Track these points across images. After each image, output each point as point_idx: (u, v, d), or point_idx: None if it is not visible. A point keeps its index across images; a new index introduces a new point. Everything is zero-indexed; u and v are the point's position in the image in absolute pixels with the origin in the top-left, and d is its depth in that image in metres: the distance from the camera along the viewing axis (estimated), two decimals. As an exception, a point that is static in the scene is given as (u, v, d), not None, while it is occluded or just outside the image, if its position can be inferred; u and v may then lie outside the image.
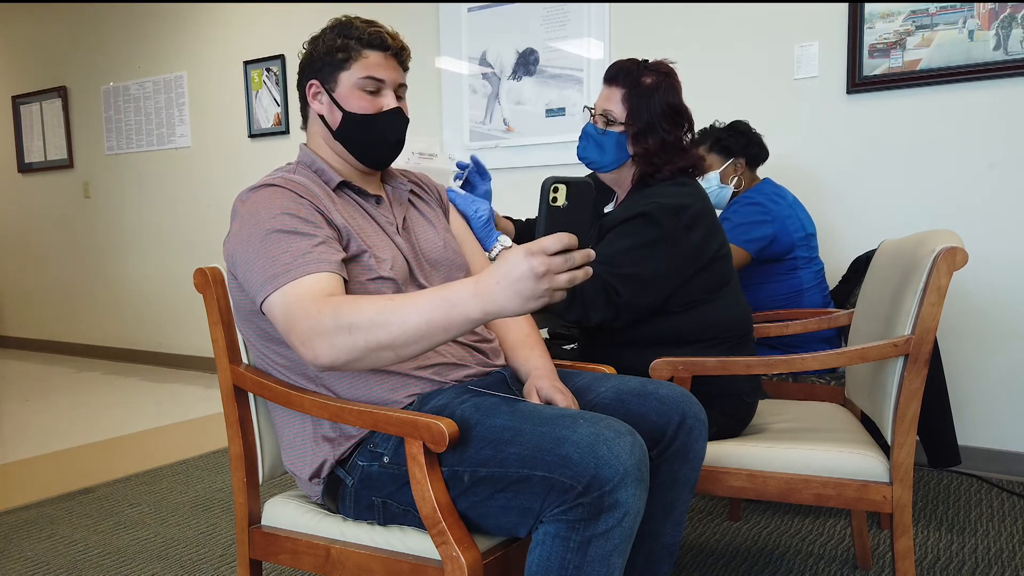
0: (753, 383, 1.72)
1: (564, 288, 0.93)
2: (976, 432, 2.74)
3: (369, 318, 1.02)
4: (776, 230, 2.39)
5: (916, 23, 2.71)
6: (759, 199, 2.45)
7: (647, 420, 1.26)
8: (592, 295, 1.55)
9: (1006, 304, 2.67)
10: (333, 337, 1.04)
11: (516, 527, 1.10)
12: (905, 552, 1.41)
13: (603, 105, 1.71)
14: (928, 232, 1.52)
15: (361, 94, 1.31)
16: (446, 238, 1.45)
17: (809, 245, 2.47)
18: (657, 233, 1.59)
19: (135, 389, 4.50)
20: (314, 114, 1.36)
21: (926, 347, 1.38)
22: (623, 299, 1.57)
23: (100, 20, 5.26)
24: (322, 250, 1.16)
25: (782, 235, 2.40)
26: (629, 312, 1.60)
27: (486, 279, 0.96)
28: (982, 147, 2.67)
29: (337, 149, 1.35)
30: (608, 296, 1.56)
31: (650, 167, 1.69)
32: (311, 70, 1.34)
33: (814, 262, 2.48)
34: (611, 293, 1.56)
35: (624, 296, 1.57)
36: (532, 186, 3.58)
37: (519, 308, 0.94)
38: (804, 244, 2.45)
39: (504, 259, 0.95)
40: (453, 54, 3.81)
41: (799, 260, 2.44)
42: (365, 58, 1.30)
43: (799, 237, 2.43)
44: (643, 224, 1.60)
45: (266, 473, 1.41)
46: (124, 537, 2.28)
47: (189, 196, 4.99)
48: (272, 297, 1.13)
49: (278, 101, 4.50)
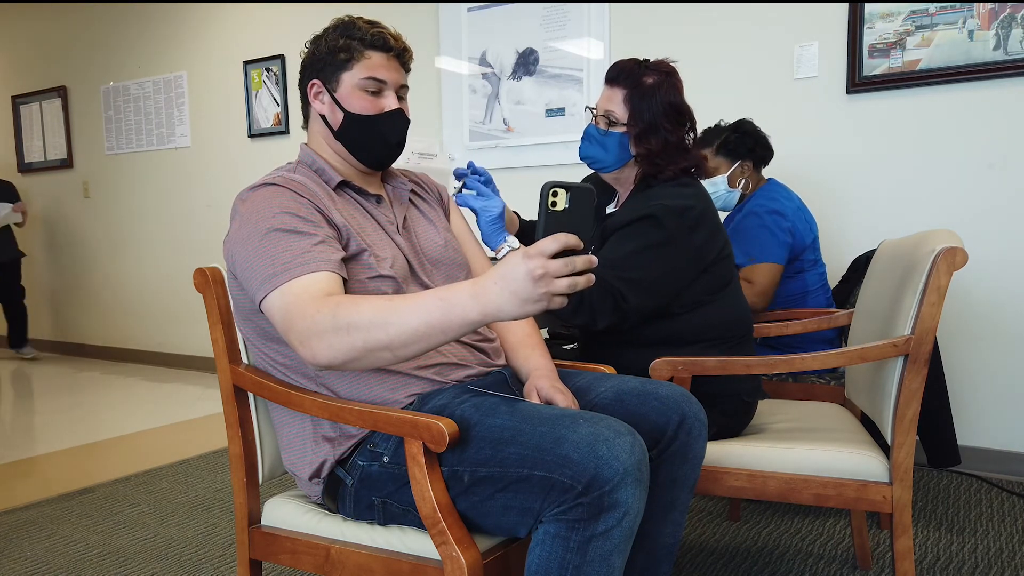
0: (753, 383, 1.72)
1: (564, 293, 0.92)
2: (976, 432, 2.74)
3: (367, 318, 1.02)
4: (792, 233, 2.38)
5: (916, 23, 2.71)
6: (775, 207, 2.39)
7: (647, 420, 1.26)
8: (599, 300, 1.55)
9: (1006, 304, 2.67)
10: (331, 337, 1.04)
11: (516, 527, 1.10)
12: (905, 552, 1.41)
13: (605, 106, 1.71)
14: (928, 232, 1.52)
15: (362, 94, 1.31)
16: (447, 237, 1.45)
17: (814, 248, 2.46)
18: (662, 236, 1.59)
19: (135, 389, 4.50)
20: (315, 114, 1.36)
21: (926, 347, 1.38)
22: (630, 304, 1.56)
23: (100, 20, 5.26)
24: (321, 249, 1.16)
25: (795, 238, 2.39)
26: (636, 316, 1.59)
27: (484, 281, 0.96)
28: (982, 147, 2.67)
29: (338, 149, 1.35)
30: (615, 301, 1.55)
31: (653, 167, 1.68)
32: (313, 70, 1.34)
33: (818, 264, 2.48)
34: (618, 298, 1.55)
35: (631, 301, 1.56)
36: (532, 186, 3.58)
37: (517, 311, 0.94)
38: (811, 247, 2.44)
39: (504, 261, 0.95)
40: (453, 54, 3.81)
41: (805, 263, 2.43)
42: (367, 59, 1.30)
43: (808, 240, 2.42)
44: (648, 227, 1.60)
45: (266, 473, 1.41)
46: (124, 537, 2.28)
47: (189, 196, 4.99)
48: (271, 296, 1.13)
49: (278, 101, 4.50)
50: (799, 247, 2.40)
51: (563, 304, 0.94)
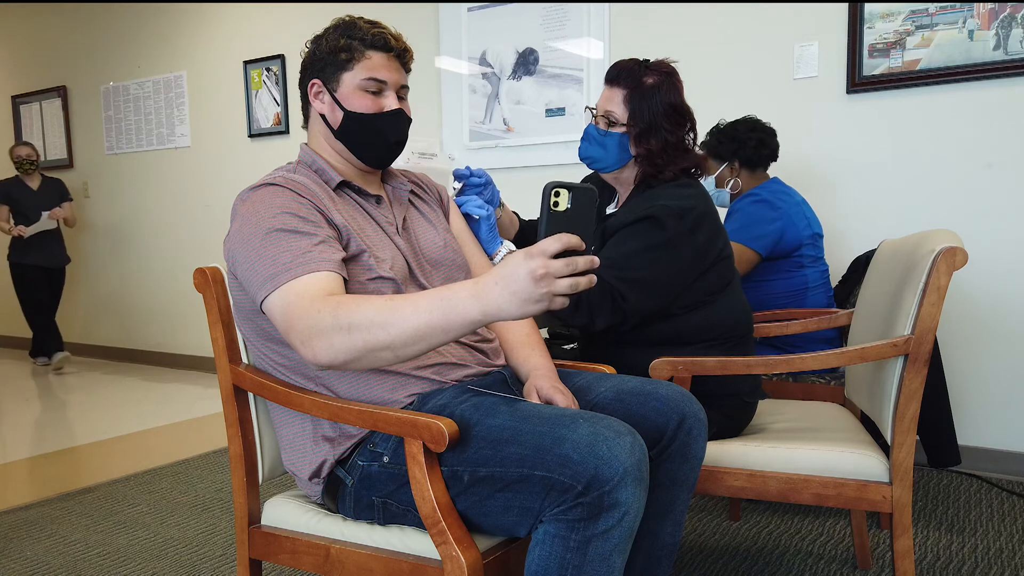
0: (753, 383, 1.72)
1: (565, 294, 0.92)
2: (976, 432, 2.74)
3: (368, 318, 1.02)
4: (784, 226, 2.39)
5: (916, 23, 2.71)
6: (765, 196, 2.44)
7: (647, 420, 1.26)
8: (598, 300, 1.55)
9: (1006, 304, 2.67)
10: (332, 337, 1.04)
11: (516, 527, 1.11)
12: (905, 552, 1.41)
13: (605, 106, 1.71)
14: (928, 232, 1.52)
15: (363, 94, 1.31)
16: (446, 238, 1.45)
17: (816, 245, 2.47)
18: (663, 236, 1.59)
19: (135, 389, 4.50)
20: (315, 113, 1.36)
21: (926, 347, 1.38)
22: (629, 304, 1.56)
23: (100, 20, 5.26)
24: (322, 249, 1.16)
25: (789, 231, 2.40)
26: (635, 316, 1.59)
27: (485, 281, 0.96)
28: (982, 147, 2.67)
29: (338, 148, 1.36)
30: (614, 301, 1.55)
31: (653, 167, 1.68)
32: (314, 69, 1.34)
33: (820, 262, 2.48)
34: (616, 298, 1.55)
35: (630, 301, 1.56)
36: (532, 186, 3.58)
37: (517, 311, 0.94)
38: (811, 243, 2.45)
39: (505, 261, 0.95)
40: (453, 54, 3.81)
41: (805, 259, 2.44)
42: (368, 59, 1.30)
43: (806, 235, 2.43)
44: (648, 227, 1.59)
45: (266, 473, 1.41)
46: (124, 537, 2.28)
47: (189, 196, 4.99)
48: (272, 296, 1.13)
49: (278, 101, 4.50)
50: (792, 241, 2.41)
51: (564, 304, 0.94)
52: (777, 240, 2.39)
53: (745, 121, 2.56)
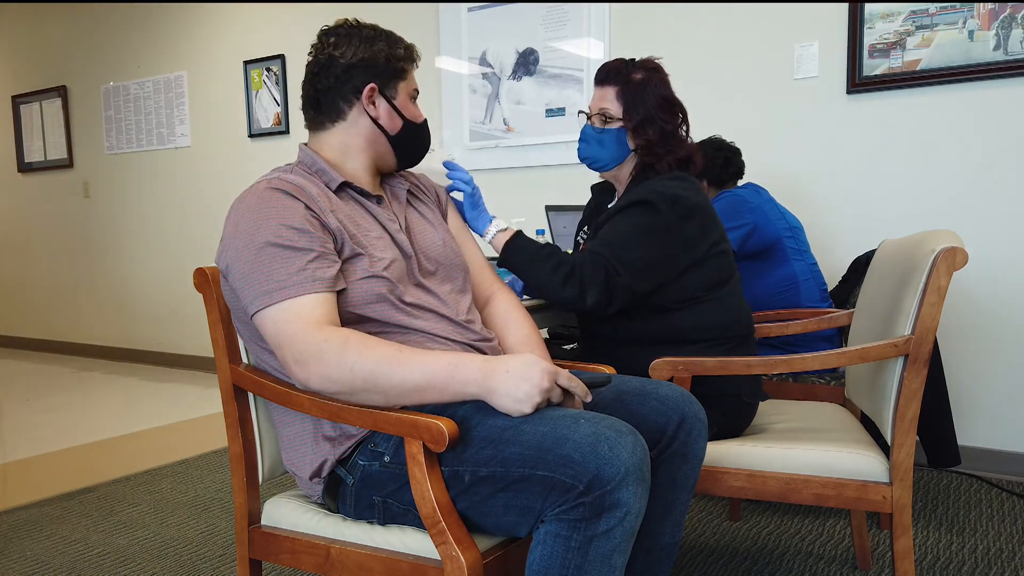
0: (754, 384, 1.72)
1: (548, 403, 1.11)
2: (976, 432, 2.74)
3: (373, 363, 1.09)
4: (756, 219, 2.42)
5: (916, 23, 2.71)
6: (726, 194, 2.52)
7: (647, 420, 1.26)
8: (591, 273, 1.56)
9: (1006, 304, 2.67)
10: (332, 369, 1.10)
11: (516, 527, 1.10)
12: (905, 552, 1.41)
13: (598, 105, 1.74)
14: (928, 232, 1.52)
15: (412, 104, 1.41)
16: (445, 237, 1.45)
17: (796, 238, 2.50)
18: (656, 220, 1.61)
19: (135, 389, 4.50)
20: (361, 115, 1.35)
21: (926, 347, 1.38)
22: (622, 280, 1.57)
23: (100, 20, 5.26)
24: (317, 266, 1.17)
25: (763, 224, 2.43)
26: (623, 296, 1.59)
27: (497, 364, 1.08)
28: (982, 147, 2.67)
29: (381, 151, 1.38)
30: (607, 276, 1.56)
31: (652, 157, 1.71)
32: (369, 73, 1.34)
33: (806, 255, 2.50)
34: (611, 273, 1.57)
35: (623, 277, 1.57)
36: (532, 186, 3.58)
37: (509, 404, 1.08)
38: (791, 236, 2.47)
39: (525, 359, 1.09)
40: (453, 54, 3.81)
41: (789, 252, 2.46)
42: (412, 71, 1.41)
43: (782, 227, 2.46)
44: (643, 211, 1.62)
45: (266, 473, 1.41)
46: (124, 537, 2.28)
47: (189, 196, 4.99)
48: (265, 311, 1.15)
49: (278, 101, 4.50)
50: (768, 235, 2.44)
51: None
52: (750, 233, 2.41)
53: (710, 142, 2.63)
